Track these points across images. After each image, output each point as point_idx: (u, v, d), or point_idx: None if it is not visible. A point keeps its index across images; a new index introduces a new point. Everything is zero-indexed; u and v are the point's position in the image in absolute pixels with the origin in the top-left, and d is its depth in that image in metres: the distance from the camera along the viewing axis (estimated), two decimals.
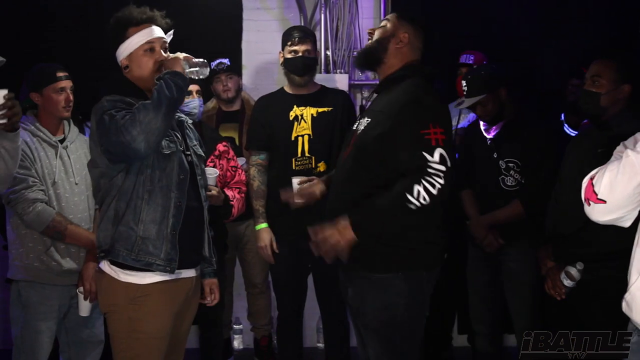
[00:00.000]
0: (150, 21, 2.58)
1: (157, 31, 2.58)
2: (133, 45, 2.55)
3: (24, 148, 3.02)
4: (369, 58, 2.71)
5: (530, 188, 3.36)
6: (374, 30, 2.73)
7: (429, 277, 2.59)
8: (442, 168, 2.38)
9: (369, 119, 2.60)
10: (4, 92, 2.24)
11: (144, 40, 2.55)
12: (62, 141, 3.16)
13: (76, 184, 3.13)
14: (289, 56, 3.55)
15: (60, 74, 3.12)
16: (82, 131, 3.36)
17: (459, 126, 4.12)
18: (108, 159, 2.46)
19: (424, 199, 2.36)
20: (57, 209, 3.05)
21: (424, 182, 2.37)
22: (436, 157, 2.39)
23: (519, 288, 3.44)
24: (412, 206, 2.36)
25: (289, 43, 3.55)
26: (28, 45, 4.39)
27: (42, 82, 3.10)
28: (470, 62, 4.18)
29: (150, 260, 2.47)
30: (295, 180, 3.04)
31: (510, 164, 3.41)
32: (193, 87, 3.57)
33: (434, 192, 2.37)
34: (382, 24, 2.72)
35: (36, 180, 3.03)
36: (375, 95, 2.77)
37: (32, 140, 3.08)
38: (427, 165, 2.38)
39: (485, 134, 3.51)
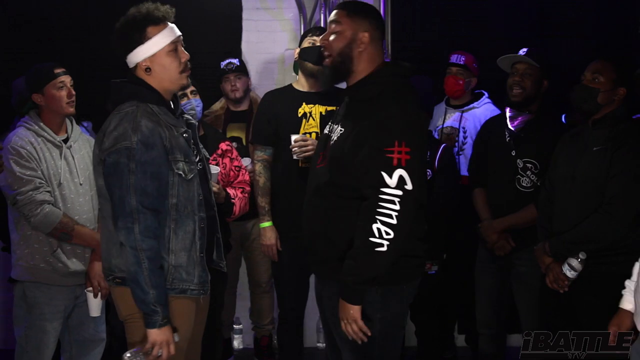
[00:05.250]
0: (167, 18, 2.45)
1: (175, 29, 2.47)
2: (156, 46, 2.41)
3: (29, 149, 3.02)
4: (338, 76, 2.51)
5: None
6: (327, 38, 2.48)
7: (409, 290, 2.51)
8: (398, 192, 2.27)
9: (342, 129, 2.46)
10: None
11: (168, 40, 2.43)
12: (65, 141, 3.14)
13: (80, 184, 3.11)
14: (306, 45, 3.50)
15: (58, 70, 3.11)
16: None
17: (445, 125, 4.11)
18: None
19: (387, 233, 2.26)
20: (62, 209, 3.04)
21: (378, 217, 2.27)
22: (394, 179, 2.27)
23: (530, 291, 3.38)
24: (382, 248, 2.26)
25: (310, 34, 3.52)
26: (28, 45, 4.39)
27: (41, 82, 3.08)
28: (462, 62, 4.14)
29: (184, 286, 2.43)
30: (293, 137, 3.33)
31: (528, 164, 3.35)
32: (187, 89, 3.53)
33: (394, 221, 2.26)
34: (336, 28, 2.46)
35: (43, 181, 3.01)
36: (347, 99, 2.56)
37: (37, 141, 3.06)
38: (380, 192, 2.27)
39: (509, 123, 3.42)
